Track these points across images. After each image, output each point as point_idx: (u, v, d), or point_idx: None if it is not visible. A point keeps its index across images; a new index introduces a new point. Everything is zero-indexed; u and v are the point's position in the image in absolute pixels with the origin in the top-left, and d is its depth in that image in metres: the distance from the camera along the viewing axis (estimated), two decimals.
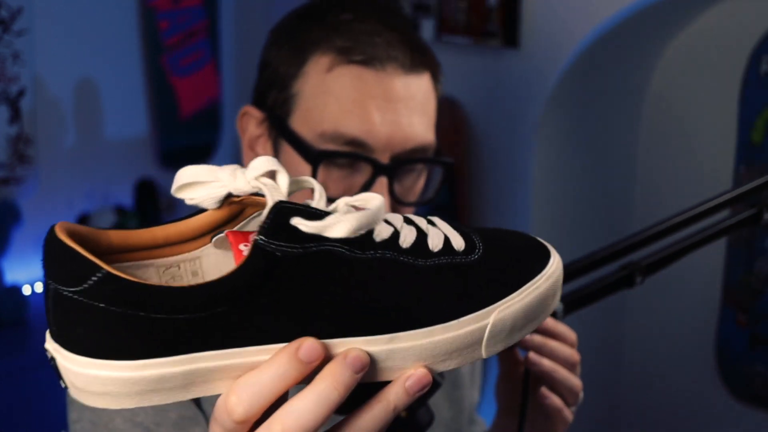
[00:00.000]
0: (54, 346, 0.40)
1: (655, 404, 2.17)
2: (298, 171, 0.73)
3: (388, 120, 0.71)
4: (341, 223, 0.40)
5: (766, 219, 0.74)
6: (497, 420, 0.79)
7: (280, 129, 0.75)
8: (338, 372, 0.40)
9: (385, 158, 0.72)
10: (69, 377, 0.40)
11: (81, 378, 0.39)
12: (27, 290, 2.25)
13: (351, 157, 0.71)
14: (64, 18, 2.33)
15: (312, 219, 0.40)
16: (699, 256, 0.83)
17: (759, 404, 1.91)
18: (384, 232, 0.42)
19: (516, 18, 1.93)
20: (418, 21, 2.12)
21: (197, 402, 0.73)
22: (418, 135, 0.73)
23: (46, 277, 0.39)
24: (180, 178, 0.42)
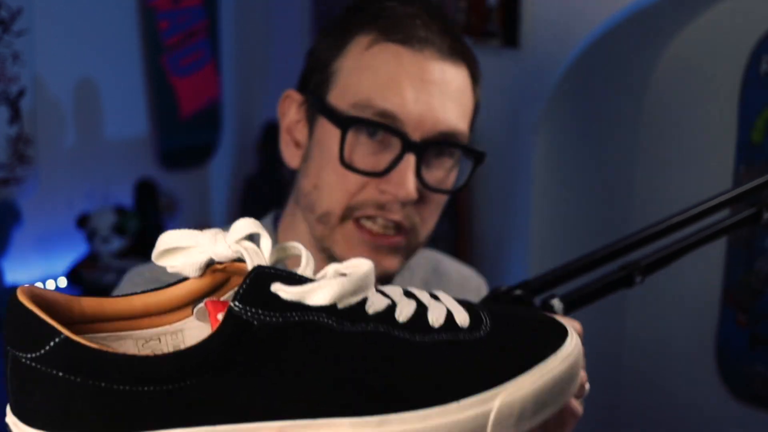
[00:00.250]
0: (12, 420, 0.37)
1: (655, 404, 2.17)
2: (330, 143, 0.72)
3: (422, 100, 0.71)
4: (323, 289, 0.37)
5: (766, 218, 0.74)
6: None
7: (317, 105, 0.75)
8: None
9: (415, 137, 0.71)
10: None
11: None
12: None
13: (380, 128, 0.71)
14: (64, 18, 2.32)
15: (294, 285, 0.37)
16: (699, 256, 0.83)
17: (759, 404, 1.91)
18: (378, 304, 0.39)
19: (516, 18, 1.93)
20: None
21: None
22: (450, 120, 0.73)
23: (5, 344, 0.36)
24: (160, 244, 0.39)
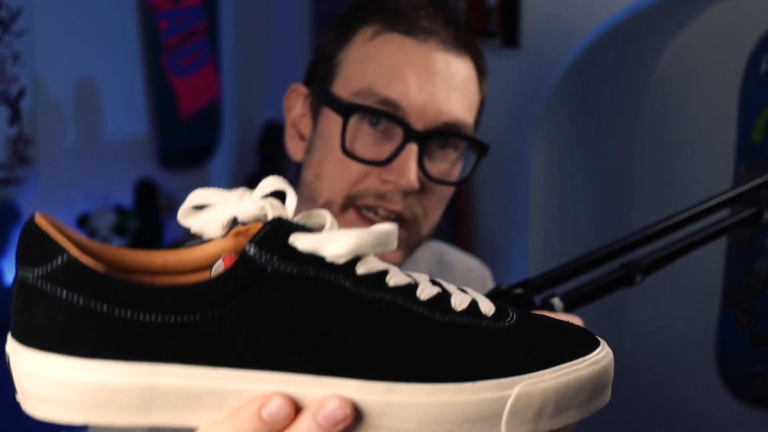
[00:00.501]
0: (12, 346, 0.36)
1: (655, 404, 2.17)
2: (333, 133, 0.72)
3: (426, 90, 0.71)
4: (342, 238, 0.36)
5: (766, 218, 0.74)
6: None
7: (322, 96, 0.75)
8: (305, 429, 0.35)
9: (418, 127, 0.71)
10: (19, 378, 0.36)
11: (29, 379, 0.36)
12: None
13: (381, 115, 0.70)
14: (64, 18, 2.32)
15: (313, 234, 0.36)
16: (699, 256, 0.83)
17: (759, 404, 1.91)
18: (399, 279, 0.37)
19: (516, 18, 1.93)
20: None
21: None
22: (454, 111, 0.72)
23: (16, 264, 0.36)
24: (188, 201, 0.39)
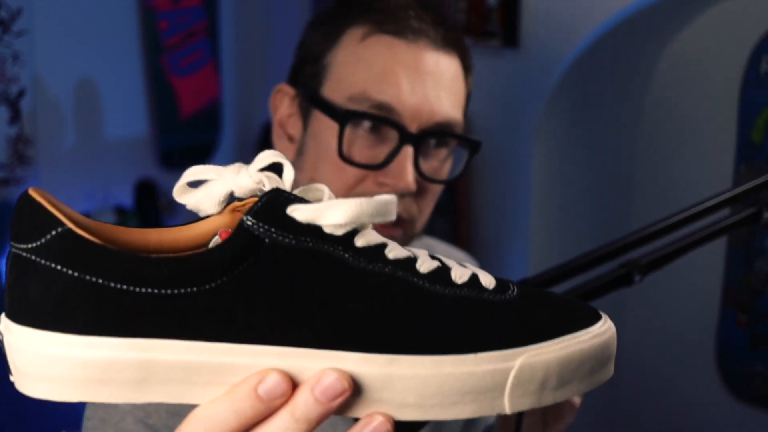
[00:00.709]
0: (5, 324, 0.35)
1: (655, 404, 2.17)
2: (327, 137, 0.73)
3: (418, 91, 0.71)
4: (341, 206, 0.35)
5: (766, 218, 0.74)
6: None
7: (311, 98, 0.75)
8: (302, 403, 0.34)
9: (413, 129, 0.72)
10: (13, 358, 0.35)
11: (23, 357, 0.35)
12: None
13: (378, 120, 0.71)
14: (64, 18, 2.32)
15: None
16: (699, 256, 0.83)
17: (759, 404, 1.91)
18: (399, 252, 0.37)
19: (516, 18, 1.93)
20: None
21: None
22: (446, 110, 0.73)
23: (9, 241, 0.35)
24: (184, 177, 0.38)
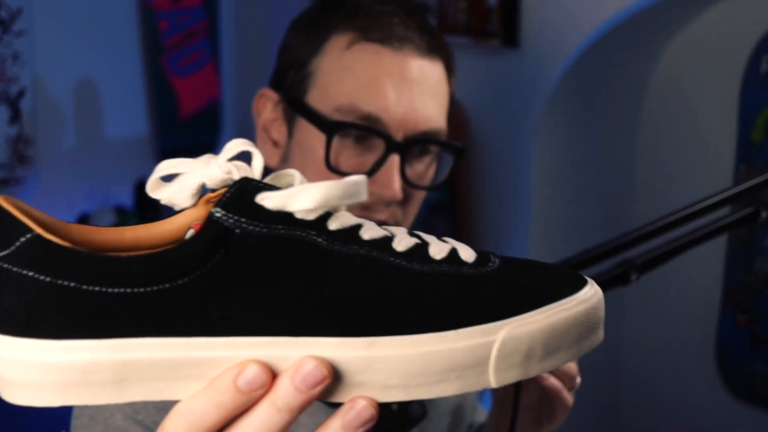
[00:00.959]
0: None
1: (655, 404, 2.16)
2: (313, 146, 0.73)
3: (404, 99, 0.72)
4: (309, 190, 0.35)
5: (764, 217, 0.74)
6: (494, 409, 0.79)
7: (297, 106, 0.75)
8: (283, 393, 0.34)
9: (399, 137, 0.72)
10: None
11: (2, 365, 0.35)
12: None
13: (365, 130, 0.71)
14: (64, 18, 2.33)
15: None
16: (699, 256, 0.83)
17: (759, 404, 1.91)
18: (374, 232, 0.37)
19: (516, 18, 1.93)
20: None
21: None
22: (432, 118, 0.74)
23: None
24: (156, 172, 0.38)
